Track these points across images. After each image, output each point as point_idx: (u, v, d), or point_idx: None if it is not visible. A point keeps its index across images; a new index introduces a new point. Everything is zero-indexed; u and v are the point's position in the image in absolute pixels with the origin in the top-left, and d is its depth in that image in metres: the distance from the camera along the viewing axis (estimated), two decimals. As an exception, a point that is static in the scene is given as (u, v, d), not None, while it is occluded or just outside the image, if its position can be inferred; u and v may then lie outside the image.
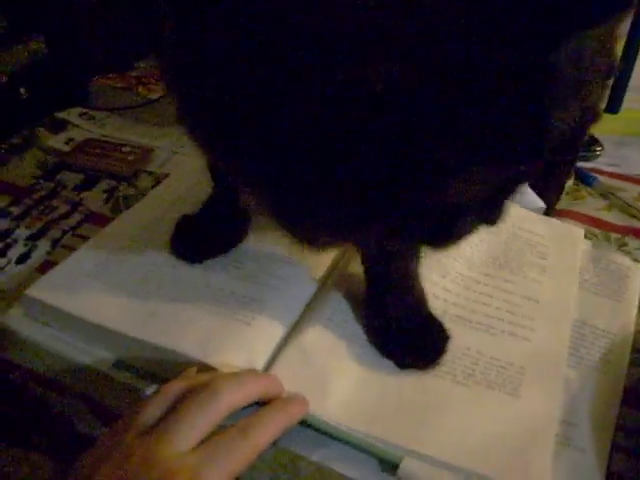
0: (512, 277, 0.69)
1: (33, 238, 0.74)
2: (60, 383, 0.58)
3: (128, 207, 0.77)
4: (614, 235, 0.79)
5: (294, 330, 0.60)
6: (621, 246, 0.77)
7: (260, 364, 0.57)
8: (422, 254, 0.60)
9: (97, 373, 0.58)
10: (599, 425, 0.56)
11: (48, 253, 0.72)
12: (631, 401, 0.58)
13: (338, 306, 0.63)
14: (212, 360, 0.55)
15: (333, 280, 0.66)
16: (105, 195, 0.82)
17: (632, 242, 0.78)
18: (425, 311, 0.61)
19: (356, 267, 0.64)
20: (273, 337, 0.59)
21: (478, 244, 0.73)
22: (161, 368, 0.57)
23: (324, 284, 0.66)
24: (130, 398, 0.56)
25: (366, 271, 0.62)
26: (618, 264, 0.73)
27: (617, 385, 0.60)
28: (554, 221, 0.78)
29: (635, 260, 0.74)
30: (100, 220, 0.76)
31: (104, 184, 0.83)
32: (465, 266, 0.70)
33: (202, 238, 0.67)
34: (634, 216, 0.82)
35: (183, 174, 0.81)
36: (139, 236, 0.69)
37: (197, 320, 0.59)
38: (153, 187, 0.82)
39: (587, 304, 0.68)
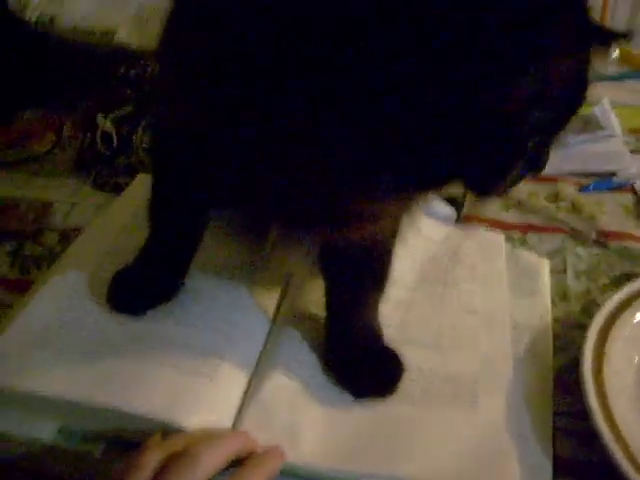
0: (447, 292, 0.72)
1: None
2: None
3: (39, 267, 0.75)
4: (515, 233, 0.84)
5: (254, 379, 0.60)
6: (523, 243, 0.82)
7: (228, 421, 0.56)
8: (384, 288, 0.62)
9: (40, 444, 0.55)
10: (537, 412, 0.60)
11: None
12: (561, 386, 0.63)
13: (292, 347, 0.63)
14: (181, 423, 0.54)
15: (281, 320, 0.67)
16: (10, 258, 0.78)
17: (532, 238, 0.83)
18: (381, 342, 0.63)
19: (302, 305, 0.66)
20: (237, 390, 0.59)
21: (409, 266, 0.74)
22: (112, 429, 0.56)
23: (274, 324, 0.66)
24: (79, 464, 0.54)
25: (327, 305, 0.63)
26: (526, 260, 0.78)
27: (547, 373, 0.64)
28: (474, 230, 0.82)
29: (538, 254, 0.79)
30: (10, 284, 0.73)
31: (7, 246, 0.79)
32: (400, 290, 0.71)
33: (141, 288, 0.65)
34: (530, 212, 0.88)
35: (102, 226, 0.78)
36: (75, 296, 0.66)
37: (156, 379, 0.57)
38: (60, 242, 0.79)
39: (507, 302, 0.72)
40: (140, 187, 0.81)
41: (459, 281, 0.73)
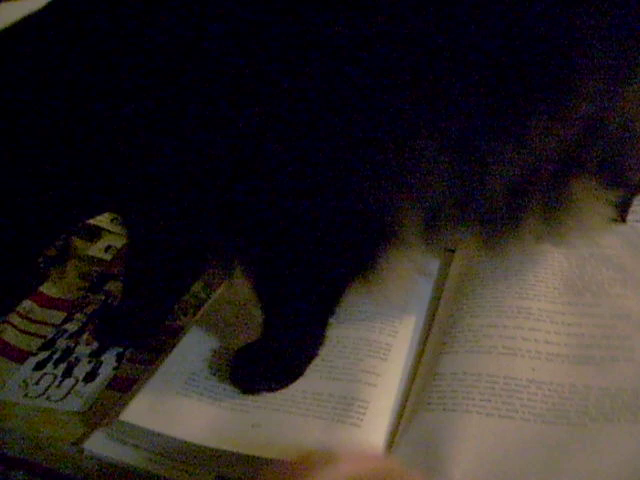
0: (595, 299, 0.66)
1: (96, 354, 0.73)
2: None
3: (186, 314, 0.77)
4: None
5: (400, 419, 0.59)
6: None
7: None
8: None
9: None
10: None
11: (115, 368, 0.70)
12: None
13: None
14: None
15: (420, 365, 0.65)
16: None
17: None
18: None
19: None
20: (382, 436, 0.58)
21: (551, 275, 0.70)
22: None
23: (410, 374, 0.65)
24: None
25: None
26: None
27: None
28: (622, 227, 0.74)
29: None
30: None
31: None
32: (544, 301, 0.67)
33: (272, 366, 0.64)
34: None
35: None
36: (219, 343, 0.68)
37: (304, 429, 0.58)
38: (203, 288, 0.82)
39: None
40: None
41: (608, 286, 0.67)
